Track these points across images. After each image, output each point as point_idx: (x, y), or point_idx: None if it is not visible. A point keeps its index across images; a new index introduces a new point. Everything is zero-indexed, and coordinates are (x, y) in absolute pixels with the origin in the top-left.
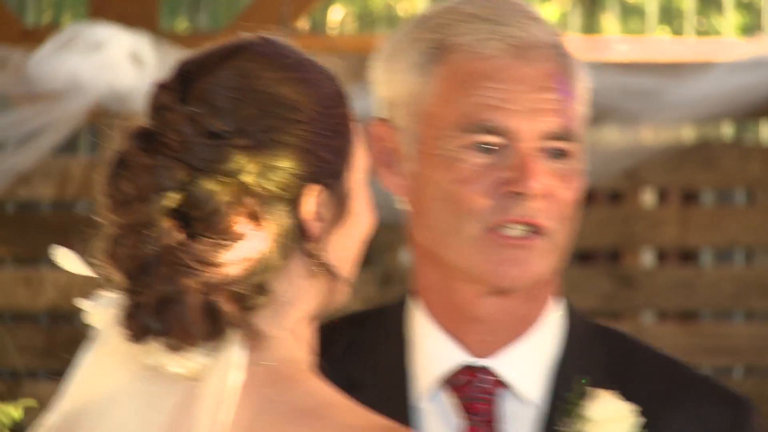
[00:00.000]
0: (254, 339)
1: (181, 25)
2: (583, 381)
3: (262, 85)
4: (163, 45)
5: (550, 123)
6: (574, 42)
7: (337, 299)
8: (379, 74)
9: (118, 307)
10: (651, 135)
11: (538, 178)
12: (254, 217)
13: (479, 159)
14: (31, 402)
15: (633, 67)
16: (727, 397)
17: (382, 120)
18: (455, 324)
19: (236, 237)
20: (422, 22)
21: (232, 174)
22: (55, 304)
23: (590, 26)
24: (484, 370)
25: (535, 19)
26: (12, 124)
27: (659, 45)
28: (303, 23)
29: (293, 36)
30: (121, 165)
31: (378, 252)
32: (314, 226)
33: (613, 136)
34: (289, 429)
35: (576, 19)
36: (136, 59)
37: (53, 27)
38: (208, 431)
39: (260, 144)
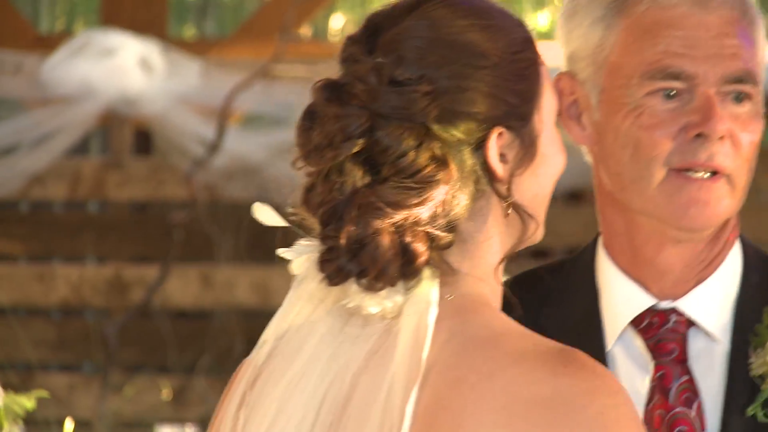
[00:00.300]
0: (446, 276)
1: (189, 32)
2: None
3: (448, 32)
4: (171, 51)
5: (731, 67)
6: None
7: (529, 238)
8: (560, 31)
9: (316, 253)
10: None
11: (722, 120)
12: (440, 160)
13: (663, 105)
14: (43, 393)
15: None
16: None
17: (566, 74)
18: (640, 269)
19: (423, 180)
20: None
21: (417, 119)
22: (66, 299)
23: None
24: (673, 311)
25: None
26: (26, 127)
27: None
28: (305, 30)
29: (296, 42)
30: (311, 116)
31: None
32: (500, 168)
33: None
34: (468, 356)
35: None
36: (145, 65)
37: (66, 34)
38: (410, 364)
39: (444, 90)
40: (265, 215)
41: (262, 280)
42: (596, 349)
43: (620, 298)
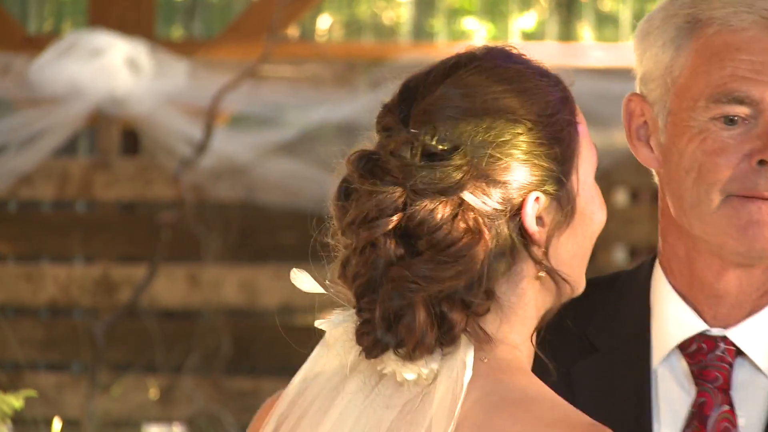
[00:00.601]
0: (482, 342)
1: (177, 32)
2: None
3: (483, 100)
4: (159, 52)
5: None
6: (551, 48)
7: (562, 299)
8: (636, 52)
9: (351, 324)
10: (624, 138)
11: None
12: (475, 231)
13: (727, 131)
14: (31, 392)
15: (607, 73)
16: None
17: (637, 95)
18: (696, 294)
19: (458, 253)
20: (674, 1)
21: (451, 192)
22: (54, 299)
23: (566, 34)
24: (723, 339)
25: None
26: (14, 127)
27: (633, 52)
28: (293, 31)
29: (283, 43)
30: (346, 191)
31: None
32: (537, 232)
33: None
34: (498, 416)
35: (553, 27)
36: (133, 65)
37: (54, 35)
38: (442, 422)
39: (479, 160)
40: (304, 283)
41: (249, 280)
42: (642, 366)
43: (672, 319)
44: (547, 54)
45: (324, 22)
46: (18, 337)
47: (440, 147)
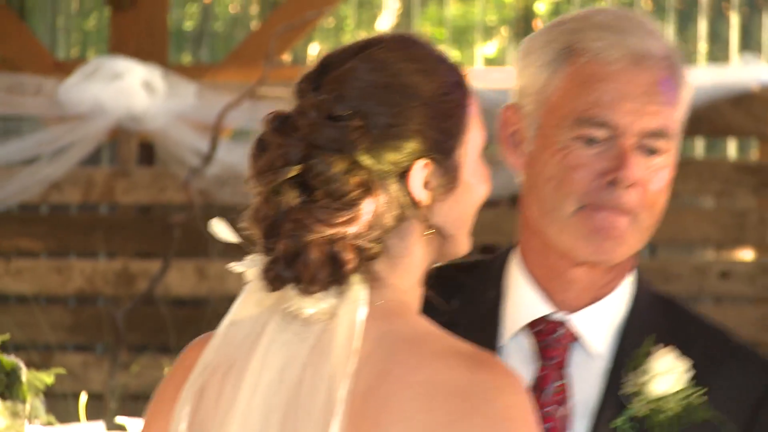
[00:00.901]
0: (373, 282)
1: (186, 58)
2: (650, 339)
3: (388, 74)
4: (171, 75)
5: (651, 123)
6: (510, 72)
7: (450, 253)
8: (516, 67)
9: (261, 265)
10: None
11: (634, 169)
12: (366, 186)
13: (586, 150)
14: (60, 370)
15: None
16: (764, 365)
17: (513, 106)
18: (546, 282)
19: (350, 203)
20: (558, 25)
21: (347, 150)
22: (81, 289)
23: None
24: (562, 324)
25: (652, 32)
26: (45, 141)
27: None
28: (286, 57)
29: (278, 68)
30: (260, 144)
31: None
32: (422, 194)
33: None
34: (396, 352)
35: (511, 54)
36: (148, 87)
37: (80, 60)
38: (345, 356)
39: (375, 125)
40: (221, 231)
41: None
42: (490, 342)
43: (524, 302)
44: (506, 76)
45: (313, 49)
46: (49, 323)
47: (343, 111)
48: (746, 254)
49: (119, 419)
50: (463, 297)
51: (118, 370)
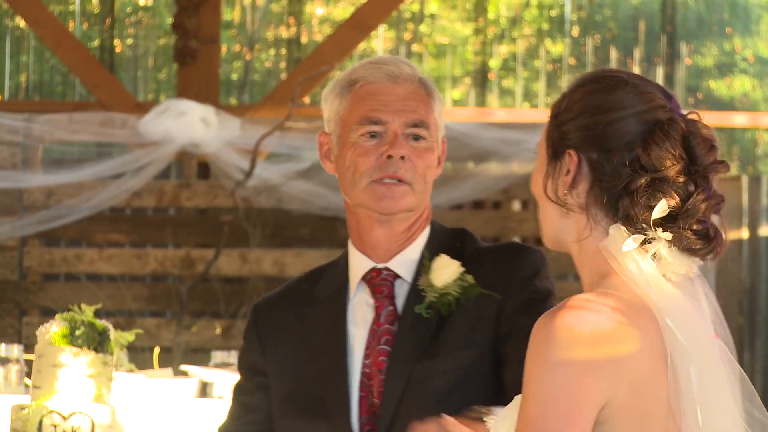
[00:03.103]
0: None
1: (233, 101)
2: (426, 254)
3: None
4: (222, 113)
5: (410, 117)
6: (471, 111)
7: None
8: (323, 108)
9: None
10: (518, 167)
11: (402, 147)
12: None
13: (369, 142)
14: (139, 331)
15: (507, 126)
16: (529, 250)
17: (324, 132)
18: (363, 246)
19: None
20: (343, 73)
21: None
22: (155, 270)
23: (481, 101)
24: (386, 269)
25: (406, 63)
26: (129, 161)
27: (523, 113)
28: (306, 99)
29: (300, 107)
30: (712, 143)
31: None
32: None
33: (494, 168)
34: None
35: (472, 97)
36: (205, 122)
37: (154, 102)
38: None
39: None
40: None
41: (279, 258)
42: (342, 300)
43: (356, 264)
44: (468, 114)
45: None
46: (131, 295)
47: None
48: None
49: (183, 367)
50: (324, 279)
51: (182, 331)
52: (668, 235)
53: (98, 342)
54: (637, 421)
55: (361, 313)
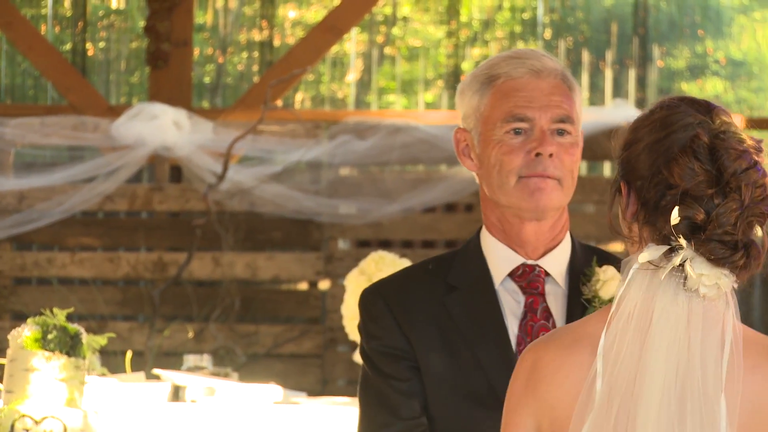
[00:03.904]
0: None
1: (205, 104)
2: (594, 261)
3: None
4: (194, 117)
5: (556, 113)
6: (444, 114)
7: None
8: (457, 102)
9: (675, 252)
10: None
11: (551, 144)
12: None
13: (515, 139)
14: (111, 334)
15: None
16: None
17: (461, 128)
18: (509, 242)
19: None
20: (478, 69)
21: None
22: (127, 274)
23: (454, 104)
24: (537, 266)
25: (546, 56)
26: (101, 165)
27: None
28: (279, 103)
29: (273, 110)
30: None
31: (324, 241)
32: None
33: (467, 171)
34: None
35: (445, 100)
36: (177, 125)
37: (127, 105)
38: (737, 323)
39: None
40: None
41: (251, 262)
42: (489, 290)
43: (501, 257)
44: (441, 117)
45: (299, 96)
46: (103, 299)
47: None
48: (618, 247)
49: (155, 371)
50: (455, 269)
51: (155, 334)
52: (690, 244)
53: (70, 346)
54: None
55: (509, 307)
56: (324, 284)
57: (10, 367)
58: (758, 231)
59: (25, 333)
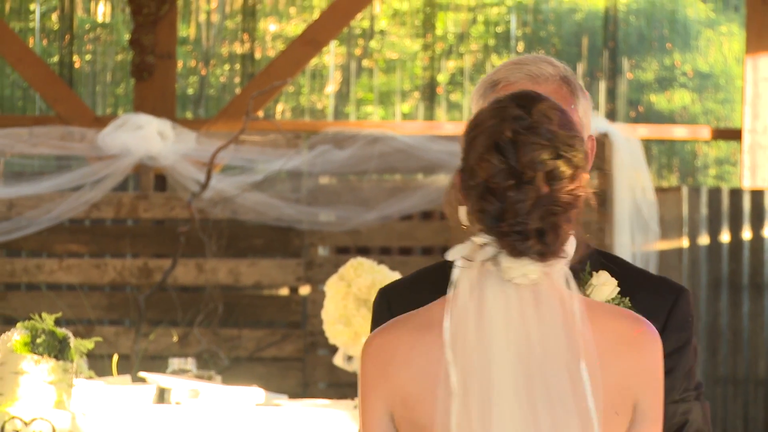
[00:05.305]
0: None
1: (189, 115)
2: (589, 265)
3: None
4: (178, 127)
5: None
6: (420, 125)
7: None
8: (472, 103)
9: (485, 244)
10: None
11: None
12: (583, 181)
13: None
14: (98, 339)
15: (455, 139)
16: (672, 286)
17: None
18: None
19: (579, 193)
20: (488, 75)
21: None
22: (114, 280)
23: (430, 115)
24: None
25: (547, 61)
26: (88, 174)
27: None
28: (260, 113)
29: (254, 121)
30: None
31: (305, 248)
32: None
33: (443, 180)
34: (589, 311)
35: (422, 111)
36: (162, 135)
37: (112, 116)
38: (571, 306)
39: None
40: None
41: (234, 268)
42: None
43: None
44: (417, 128)
45: (279, 107)
46: (90, 304)
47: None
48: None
49: (141, 374)
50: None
51: (140, 338)
52: (489, 238)
53: (59, 350)
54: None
55: None
56: (304, 290)
57: (0, 371)
58: (560, 219)
59: (14, 337)
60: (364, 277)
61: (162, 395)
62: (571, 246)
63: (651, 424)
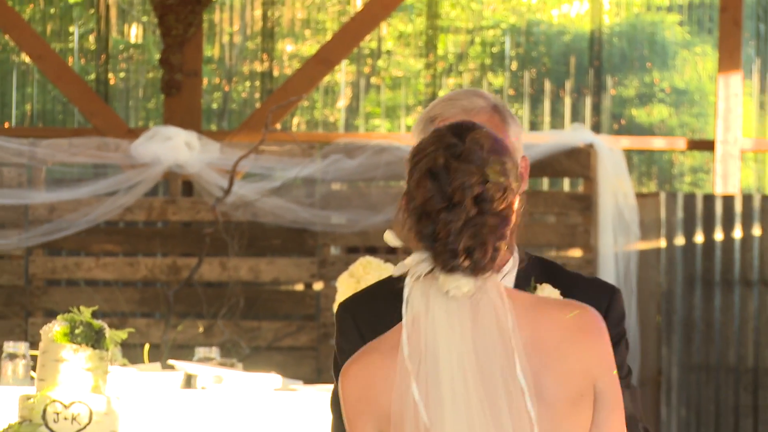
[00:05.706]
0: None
1: (213, 127)
2: (533, 280)
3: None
4: (203, 138)
5: None
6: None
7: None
8: (412, 140)
9: (422, 261)
10: None
11: None
12: (512, 200)
13: None
14: (131, 330)
15: None
16: (605, 286)
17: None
18: None
19: (508, 212)
20: (425, 109)
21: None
22: (145, 276)
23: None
24: None
25: (478, 95)
26: (122, 180)
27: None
28: (278, 125)
29: (273, 132)
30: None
31: (318, 247)
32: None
33: None
34: (536, 309)
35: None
36: (189, 146)
37: (144, 128)
38: (505, 315)
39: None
40: (389, 238)
41: (254, 266)
42: None
43: None
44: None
45: (295, 120)
46: (124, 299)
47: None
48: (576, 252)
49: (170, 361)
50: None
51: (169, 329)
52: (426, 254)
53: (95, 340)
54: None
55: None
56: (318, 285)
57: (42, 358)
58: (488, 238)
59: (55, 328)
60: (372, 274)
61: (189, 381)
62: (515, 256)
63: (612, 406)
